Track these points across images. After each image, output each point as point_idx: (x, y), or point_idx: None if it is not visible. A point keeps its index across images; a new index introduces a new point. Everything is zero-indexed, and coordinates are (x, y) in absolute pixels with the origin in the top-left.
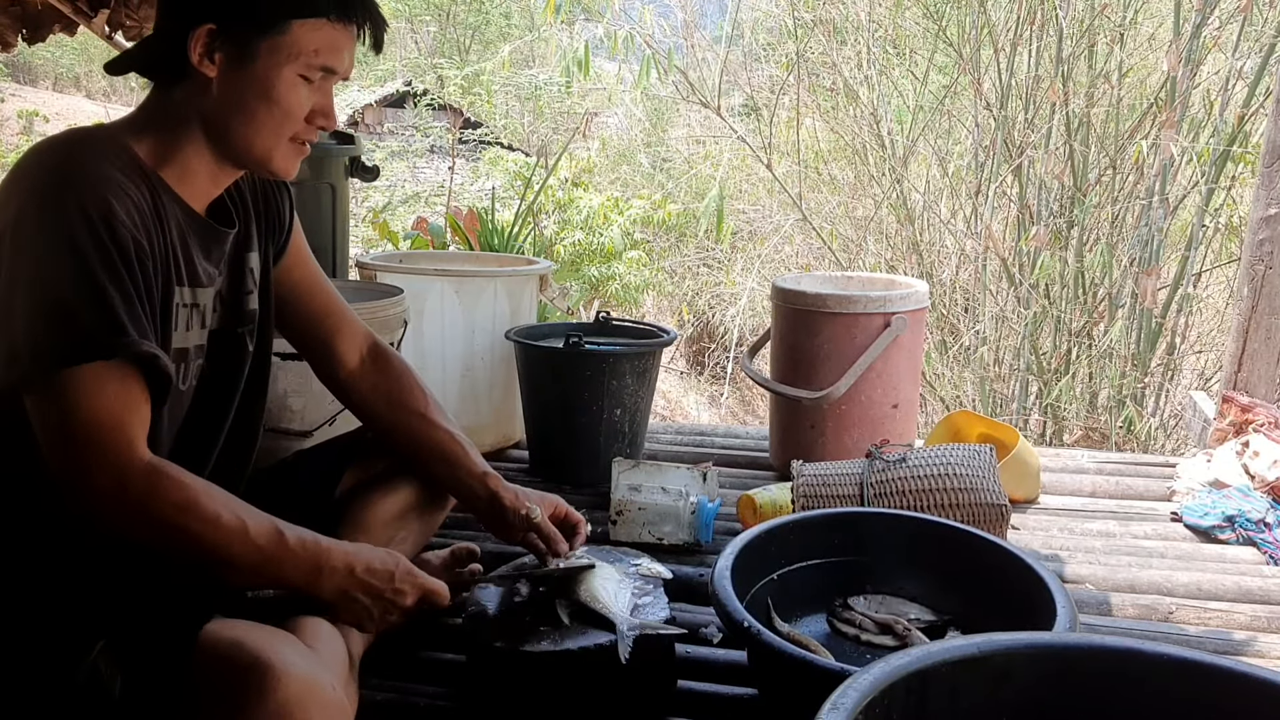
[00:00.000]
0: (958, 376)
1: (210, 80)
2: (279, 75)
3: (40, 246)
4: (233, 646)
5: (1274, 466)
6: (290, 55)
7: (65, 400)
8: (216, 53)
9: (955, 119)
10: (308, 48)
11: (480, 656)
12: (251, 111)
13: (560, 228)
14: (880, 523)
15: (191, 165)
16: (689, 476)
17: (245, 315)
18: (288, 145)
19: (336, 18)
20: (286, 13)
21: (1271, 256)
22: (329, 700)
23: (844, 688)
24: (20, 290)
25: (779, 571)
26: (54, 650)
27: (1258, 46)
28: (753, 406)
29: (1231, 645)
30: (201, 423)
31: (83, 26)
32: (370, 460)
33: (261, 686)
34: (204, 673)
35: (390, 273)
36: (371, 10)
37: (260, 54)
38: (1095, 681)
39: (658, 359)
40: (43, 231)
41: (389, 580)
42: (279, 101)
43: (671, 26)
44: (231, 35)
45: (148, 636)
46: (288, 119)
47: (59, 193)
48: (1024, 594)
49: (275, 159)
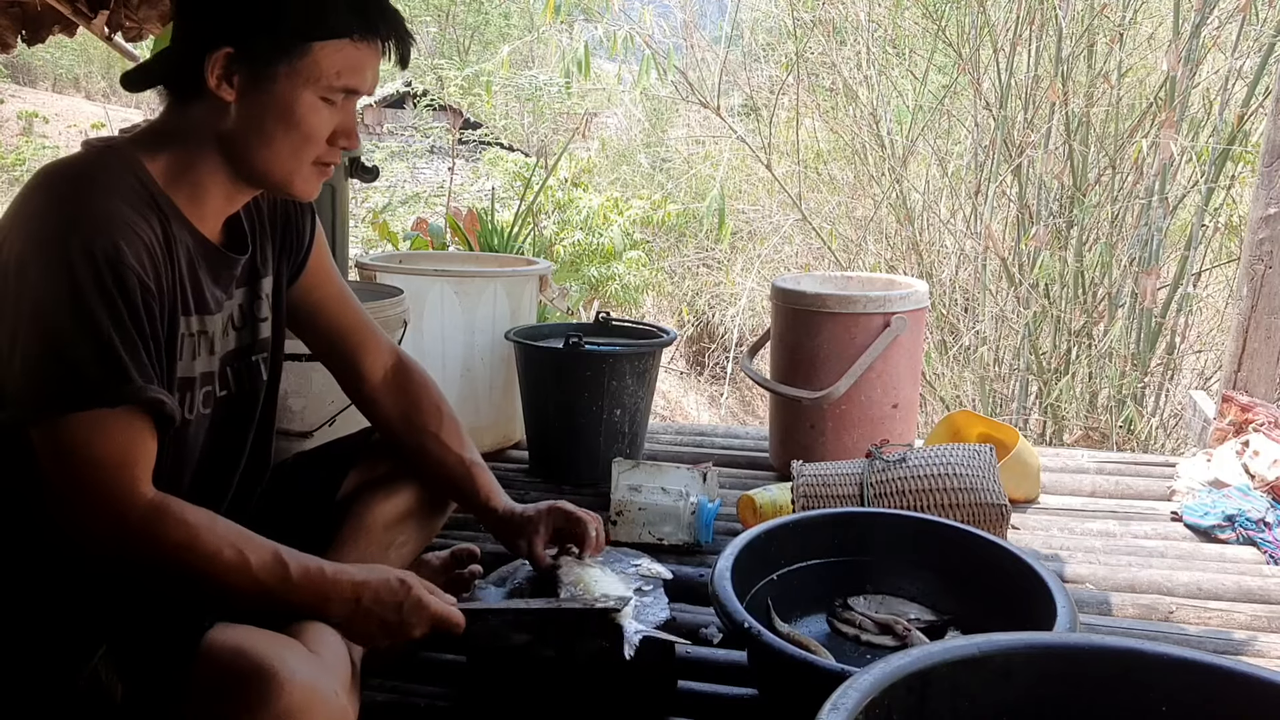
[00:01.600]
0: (957, 376)
1: (228, 103)
2: (299, 99)
3: (45, 289)
4: (235, 653)
5: (1274, 466)
6: (311, 78)
7: (67, 444)
8: (234, 75)
9: (955, 119)
10: (329, 70)
11: (481, 658)
12: (271, 136)
13: (560, 228)
14: (879, 522)
15: (205, 185)
16: (689, 477)
17: (258, 342)
18: (309, 168)
19: (360, 36)
20: (307, 35)
21: (1271, 256)
22: (332, 708)
23: (845, 688)
24: (24, 331)
25: (778, 572)
26: (56, 656)
27: (1257, 46)
28: (752, 407)
29: (1232, 645)
30: (222, 450)
31: (82, 28)
32: (374, 462)
33: (264, 694)
34: (206, 679)
35: (390, 273)
36: (397, 25)
37: (279, 77)
38: (1096, 682)
39: (657, 359)
40: (47, 274)
41: (396, 611)
42: (299, 125)
43: (671, 26)
44: (249, 58)
45: (149, 642)
46: (308, 143)
47: (65, 235)
48: (1024, 594)
49: (296, 182)
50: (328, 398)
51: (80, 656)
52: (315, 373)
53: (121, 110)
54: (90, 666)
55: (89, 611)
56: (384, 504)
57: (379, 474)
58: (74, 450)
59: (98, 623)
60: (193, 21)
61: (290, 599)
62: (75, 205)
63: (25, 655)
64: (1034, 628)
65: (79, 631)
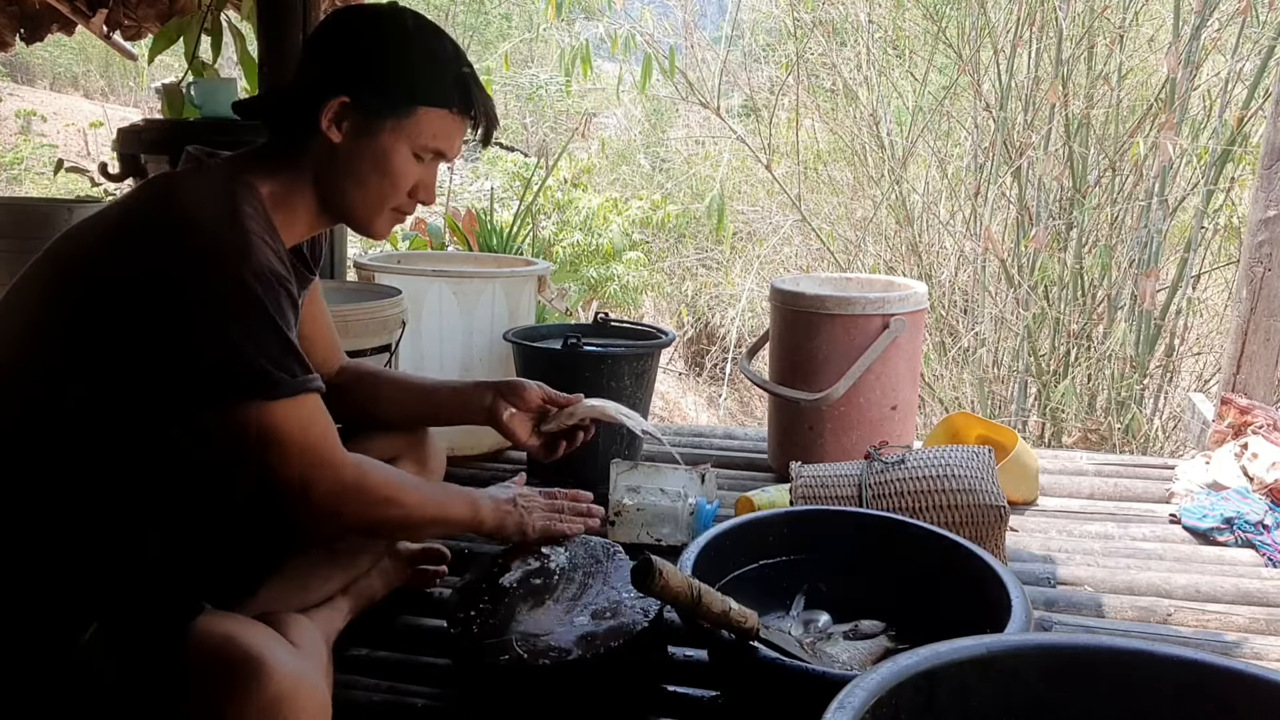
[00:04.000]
0: (956, 378)
1: (335, 145)
2: (396, 151)
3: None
4: (224, 640)
5: (1272, 468)
6: (410, 136)
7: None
8: (345, 121)
9: (955, 120)
10: (427, 132)
11: (465, 665)
12: (364, 179)
13: (559, 228)
14: (831, 520)
15: (299, 213)
16: (687, 478)
17: None
18: (389, 214)
19: (459, 110)
20: (416, 99)
21: (1270, 258)
22: (315, 698)
23: (852, 686)
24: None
25: (735, 572)
26: (47, 632)
27: (1257, 48)
28: (751, 408)
29: (1230, 647)
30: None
31: (81, 26)
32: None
33: (251, 681)
34: (195, 663)
35: (388, 273)
36: (489, 111)
37: (384, 130)
38: (1103, 682)
39: (656, 360)
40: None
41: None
42: (390, 174)
43: (671, 26)
44: (362, 109)
45: (140, 623)
46: (394, 191)
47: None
48: (978, 588)
49: (376, 223)
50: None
51: (72, 633)
52: None
53: (120, 109)
54: (81, 645)
55: (80, 591)
56: None
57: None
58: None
59: (88, 602)
60: (318, 67)
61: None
62: (231, 227)
63: (18, 631)
64: (990, 624)
65: (70, 610)
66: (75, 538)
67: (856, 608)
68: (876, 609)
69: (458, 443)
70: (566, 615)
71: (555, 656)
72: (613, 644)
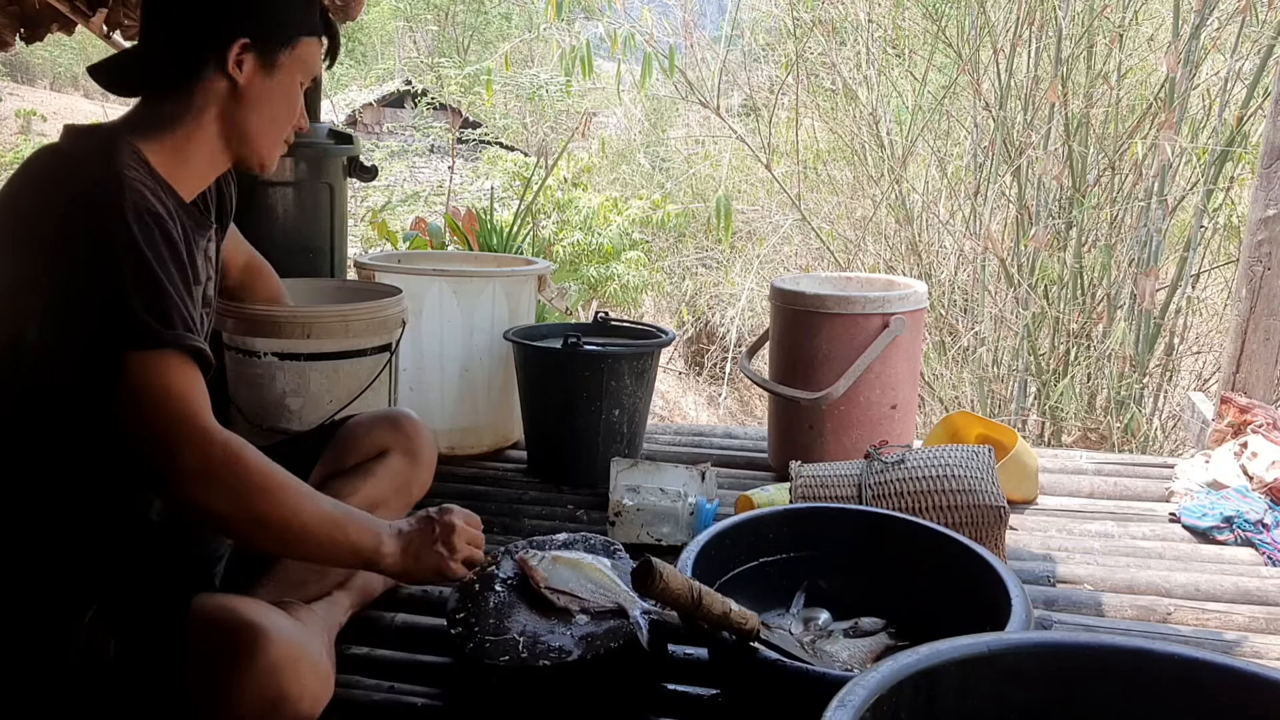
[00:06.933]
0: (956, 377)
1: (238, 86)
2: (292, 82)
3: (102, 244)
4: (224, 611)
5: (1272, 467)
6: (299, 66)
7: (140, 382)
8: (244, 62)
9: (954, 120)
10: (308, 60)
11: (465, 665)
12: (273, 115)
13: (559, 228)
14: (831, 518)
15: (195, 161)
16: (687, 477)
17: (208, 300)
18: (282, 146)
19: (322, 35)
20: (301, 30)
21: (1270, 258)
22: (316, 663)
23: (852, 685)
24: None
25: (734, 570)
26: (48, 614)
27: (1256, 48)
28: (751, 407)
29: (1229, 646)
30: None
31: (81, 26)
32: (340, 454)
33: (252, 647)
34: (196, 635)
35: (389, 273)
36: (337, 32)
37: (281, 65)
38: (1104, 681)
39: (656, 359)
40: (104, 230)
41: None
42: (291, 105)
43: (671, 25)
44: (259, 47)
45: (139, 604)
46: (289, 120)
47: (115, 198)
48: (978, 586)
49: (273, 158)
50: (326, 397)
51: (72, 615)
52: (313, 372)
53: (120, 109)
54: (82, 625)
55: (80, 574)
56: (352, 496)
57: (346, 465)
58: (147, 386)
59: (87, 585)
60: (203, 16)
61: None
62: (113, 177)
63: (19, 614)
64: (990, 623)
65: (70, 592)
66: (70, 522)
67: (856, 605)
68: (876, 606)
69: (457, 441)
70: (567, 615)
71: (555, 657)
72: (613, 644)
